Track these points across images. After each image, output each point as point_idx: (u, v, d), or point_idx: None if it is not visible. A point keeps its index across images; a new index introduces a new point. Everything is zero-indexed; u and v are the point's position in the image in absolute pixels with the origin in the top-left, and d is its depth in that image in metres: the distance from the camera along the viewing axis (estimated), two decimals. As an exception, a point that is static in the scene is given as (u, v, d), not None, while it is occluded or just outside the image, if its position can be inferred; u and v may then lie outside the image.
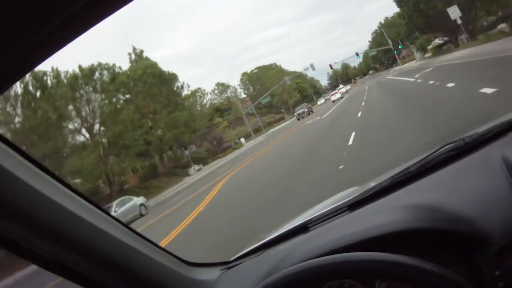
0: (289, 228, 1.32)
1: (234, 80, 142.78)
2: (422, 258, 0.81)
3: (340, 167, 7.74)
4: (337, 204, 1.29)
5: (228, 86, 69.26)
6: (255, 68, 78.97)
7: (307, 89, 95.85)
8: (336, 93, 61.36)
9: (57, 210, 0.79)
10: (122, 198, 20.72)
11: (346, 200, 1.28)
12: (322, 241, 1.09)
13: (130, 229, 1.02)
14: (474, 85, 8.94)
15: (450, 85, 11.80)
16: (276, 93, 69.24)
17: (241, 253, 1.35)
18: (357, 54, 64.12)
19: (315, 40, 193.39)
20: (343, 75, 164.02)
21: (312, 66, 58.80)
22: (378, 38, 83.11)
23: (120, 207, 19.11)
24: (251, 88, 76.94)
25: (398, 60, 68.14)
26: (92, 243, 0.86)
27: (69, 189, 0.87)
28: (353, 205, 1.25)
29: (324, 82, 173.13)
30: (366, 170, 6.26)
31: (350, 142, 10.51)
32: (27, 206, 0.74)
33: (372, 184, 1.33)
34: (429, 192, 1.10)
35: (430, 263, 0.79)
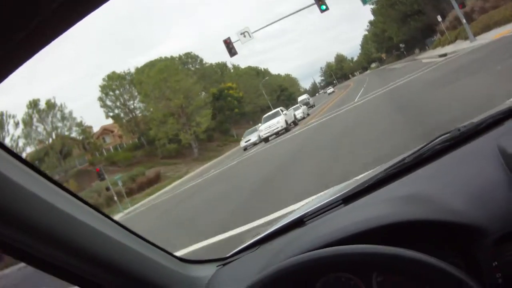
0: (285, 223, 1.32)
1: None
2: (419, 250, 0.82)
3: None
4: (332, 198, 1.29)
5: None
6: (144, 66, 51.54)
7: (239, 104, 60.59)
8: (278, 114, 28.61)
9: (51, 211, 0.81)
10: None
11: (342, 193, 1.28)
12: (318, 234, 1.09)
13: (123, 226, 1.01)
14: None
15: None
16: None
17: (237, 249, 1.35)
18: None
19: (318, 36, 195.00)
20: (338, 70, 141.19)
21: (247, 32, 24.47)
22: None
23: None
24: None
25: (435, 38, 41.88)
26: (86, 242, 0.87)
27: (63, 190, 0.88)
28: (349, 198, 1.25)
29: (317, 79, 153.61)
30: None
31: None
32: (23, 209, 0.76)
33: (368, 176, 1.32)
34: (424, 183, 1.09)
35: (427, 255, 0.80)
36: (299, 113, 34.09)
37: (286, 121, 27.44)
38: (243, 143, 32.45)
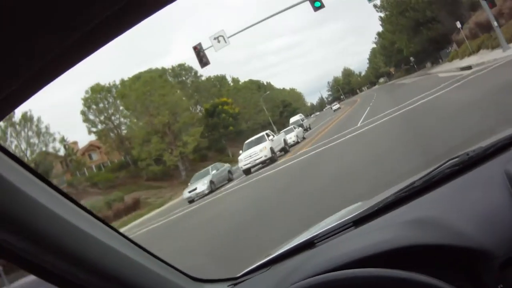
0: (295, 244, 1.34)
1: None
2: (427, 274, 0.84)
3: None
4: (342, 220, 1.31)
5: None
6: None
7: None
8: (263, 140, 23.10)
9: (63, 225, 0.79)
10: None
11: (351, 216, 1.30)
12: (328, 256, 1.11)
13: (136, 244, 1.00)
14: None
15: None
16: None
17: (248, 269, 1.36)
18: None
19: (326, 50, 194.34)
20: (345, 85, 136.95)
21: (223, 36, 19.25)
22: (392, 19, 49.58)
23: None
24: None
25: (450, 49, 37.37)
26: (96, 257, 0.86)
27: (75, 205, 0.87)
28: (358, 221, 1.27)
29: (325, 94, 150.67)
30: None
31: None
32: (28, 218, 0.74)
33: (377, 199, 1.34)
34: (433, 207, 1.11)
35: (435, 279, 0.82)
36: (291, 137, 28.20)
37: (271, 149, 22.05)
38: (186, 193, 22.89)
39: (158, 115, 41.37)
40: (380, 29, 63.23)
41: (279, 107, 79.49)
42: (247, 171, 21.94)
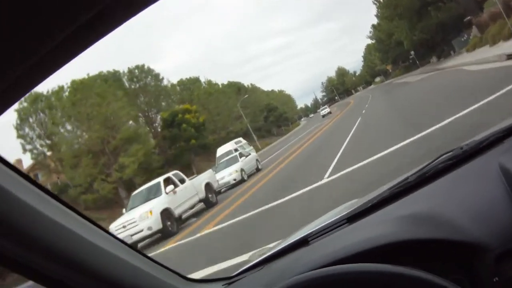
0: (289, 242, 1.33)
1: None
2: (422, 268, 0.84)
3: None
4: (336, 217, 1.31)
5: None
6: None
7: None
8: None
9: (56, 229, 0.80)
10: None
11: (346, 212, 1.29)
12: (322, 253, 1.11)
13: (128, 245, 1.01)
14: None
15: None
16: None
17: (242, 269, 1.35)
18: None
19: (322, 49, 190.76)
20: (339, 85, 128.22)
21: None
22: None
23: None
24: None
25: (464, 37, 27.89)
26: (88, 259, 0.86)
27: (68, 208, 0.87)
28: (353, 218, 1.26)
29: (319, 95, 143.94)
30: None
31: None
32: (22, 223, 0.75)
33: (372, 195, 1.33)
34: (427, 202, 1.11)
35: (430, 273, 0.82)
36: (225, 177, 17.91)
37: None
38: None
39: (90, 131, 31.98)
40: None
41: (263, 111, 70.16)
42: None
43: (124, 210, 13.18)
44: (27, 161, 37.07)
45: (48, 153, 36.57)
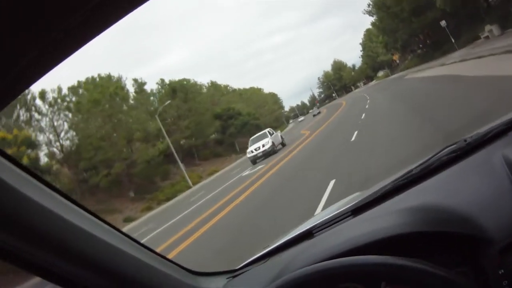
0: (294, 235, 1.34)
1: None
2: (426, 260, 0.84)
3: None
4: (340, 210, 1.31)
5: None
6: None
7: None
8: None
9: (61, 224, 0.81)
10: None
11: (350, 205, 1.30)
12: (326, 245, 1.11)
13: (133, 239, 1.02)
14: None
15: None
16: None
17: (246, 262, 1.36)
18: None
19: (323, 45, 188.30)
20: (336, 81, 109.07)
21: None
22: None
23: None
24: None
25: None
26: (95, 254, 0.87)
27: (72, 202, 0.88)
28: (357, 210, 1.27)
29: (316, 91, 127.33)
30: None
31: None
32: (28, 219, 0.75)
33: (375, 188, 1.33)
34: (431, 194, 1.11)
35: (434, 265, 0.83)
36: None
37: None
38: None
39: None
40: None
41: (215, 120, 50.77)
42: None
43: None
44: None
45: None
